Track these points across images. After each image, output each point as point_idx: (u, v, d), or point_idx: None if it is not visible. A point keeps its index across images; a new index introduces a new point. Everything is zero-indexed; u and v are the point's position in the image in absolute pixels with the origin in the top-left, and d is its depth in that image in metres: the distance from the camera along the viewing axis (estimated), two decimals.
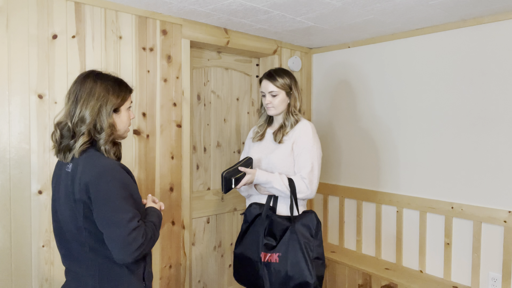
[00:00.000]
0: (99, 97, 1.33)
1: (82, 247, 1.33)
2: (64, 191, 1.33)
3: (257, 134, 2.13)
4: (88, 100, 1.32)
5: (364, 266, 2.65)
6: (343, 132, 3.01)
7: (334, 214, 3.10)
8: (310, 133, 1.97)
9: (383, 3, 2.06)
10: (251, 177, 1.90)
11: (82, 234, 1.31)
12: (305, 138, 1.96)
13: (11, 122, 1.82)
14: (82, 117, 1.31)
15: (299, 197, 1.91)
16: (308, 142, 1.94)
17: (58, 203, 1.37)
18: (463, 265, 2.37)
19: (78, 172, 1.29)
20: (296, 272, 1.81)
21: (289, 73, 2.05)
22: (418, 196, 2.57)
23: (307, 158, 1.92)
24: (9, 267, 1.82)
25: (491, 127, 2.24)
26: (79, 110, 1.31)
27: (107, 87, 1.36)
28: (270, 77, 2.00)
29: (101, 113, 1.33)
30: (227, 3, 2.08)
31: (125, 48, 2.16)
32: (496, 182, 2.23)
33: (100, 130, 1.33)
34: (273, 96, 1.99)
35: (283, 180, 1.89)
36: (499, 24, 2.20)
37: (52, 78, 1.92)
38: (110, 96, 1.35)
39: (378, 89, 2.77)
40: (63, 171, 1.36)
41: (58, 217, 1.37)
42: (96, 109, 1.32)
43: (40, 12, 1.88)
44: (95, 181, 1.26)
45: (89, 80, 1.35)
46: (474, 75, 2.31)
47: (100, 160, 1.31)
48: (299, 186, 1.90)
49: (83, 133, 1.31)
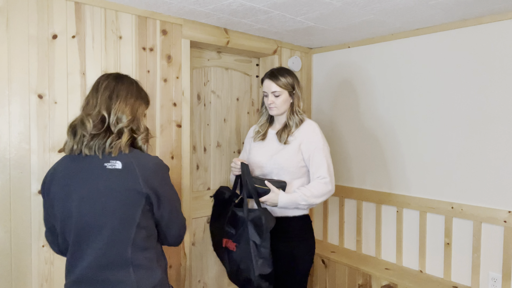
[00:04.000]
0: (137, 98, 1.37)
1: (124, 249, 1.27)
2: (114, 188, 1.26)
3: (259, 133, 2.13)
4: (127, 98, 1.32)
5: (364, 266, 2.65)
6: (343, 132, 3.01)
7: (334, 214, 3.10)
8: (318, 132, 1.99)
9: (383, 3, 2.06)
10: (274, 196, 1.88)
11: (132, 232, 1.27)
12: (314, 138, 1.97)
13: (11, 122, 1.82)
14: (119, 117, 1.29)
15: (326, 198, 1.95)
16: (319, 142, 1.96)
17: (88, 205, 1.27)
18: (463, 265, 2.37)
19: (136, 167, 1.28)
20: (244, 267, 1.83)
21: (291, 72, 2.05)
22: (418, 196, 2.57)
23: (321, 158, 1.94)
24: (9, 267, 1.82)
25: (491, 127, 2.24)
26: (115, 112, 1.29)
27: (141, 92, 1.41)
28: (273, 76, 1.99)
29: (138, 115, 1.35)
30: (227, 3, 2.08)
31: (125, 48, 2.16)
32: (496, 182, 2.23)
33: (137, 130, 1.34)
34: (276, 96, 1.98)
35: (307, 196, 1.88)
36: (499, 24, 2.20)
37: (52, 78, 1.92)
38: (143, 99, 1.40)
39: (378, 89, 2.77)
40: (102, 169, 1.27)
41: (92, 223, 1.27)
42: (135, 109, 1.34)
43: (40, 12, 1.88)
44: (161, 177, 1.33)
45: (126, 80, 1.38)
46: (473, 75, 2.30)
47: (151, 157, 1.35)
48: (321, 190, 1.91)
49: (122, 132, 1.29)
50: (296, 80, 2.03)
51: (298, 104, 2.03)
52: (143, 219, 1.29)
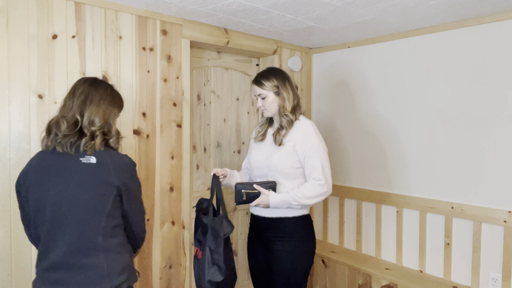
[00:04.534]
0: (110, 104, 1.47)
1: (95, 236, 1.38)
2: (86, 180, 1.38)
3: (259, 134, 2.12)
4: (99, 104, 1.44)
5: (364, 266, 2.65)
6: (343, 132, 3.01)
7: (334, 214, 3.10)
8: (312, 132, 1.95)
9: (383, 3, 2.06)
10: (265, 198, 1.90)
11: (102, 220, 1.39)
12: (308, 139, 1.93)
13: (11, 122, 1.82)
14: (92, 120, 1.41)
15: (321, 199, 1.93)
16: (313, 143, 1.93)
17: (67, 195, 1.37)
18: (463, 265, 2.37)
19: (109, 162, 1.41)
20: (201, 274, 1.84)
21: (277, 72, 2.00)
22: (418, 196, 2.57)
23: (316, 159, 1.91)
24: (9, 267, 1.82)
25: (491, 127, 2.24)
26: (91, 112, 1.41)
27: (115, 98, 1.51)
28: (256, 80, 1.99)
29: (110, 119, 1.46)
30: (227, 3, 2.08)
31: (125, 48, 2.16)
32: (496, 182, 2.23)
33: (108, 133, 1.45)
34: (263, 98, 1.98)
35: (298, 197, 1.87)
36: (499, 24, 2.20)
37: (52, 78, 1.92)
38: (116, 105, 1.51)
39: (378, 89, 2.77)
40: (76, 163, 1.39)
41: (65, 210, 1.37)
42: (107, 114, 1.45)
43: (40, 12, 1.88)
44: (130, 169, 1.47)
45: (101, 86, 1.48)
46: (473, 75, 2.30)
47: (123, 155, 1.49)
48: (314, 191, 1.90)
49: (94, 133, 1.41)
50: (281, 80, 1.98)
51: (284, 105, 1.96)
52: (113, 209, 1.41)
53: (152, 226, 2.32)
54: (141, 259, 2.27)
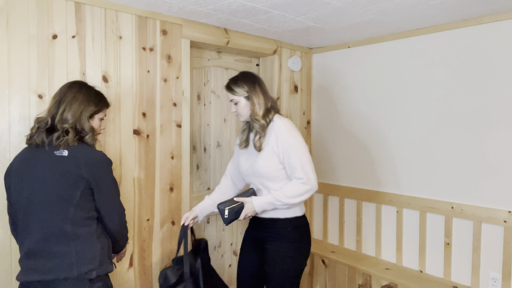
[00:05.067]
0: (81, 103, 1.58)
1: (64, 224, 1.47)
2: (57, 171, 1.48)
3: (242, 140, 2.10)
4: (71, 104, 1.56)
5: (364, 266, 2.65)
6: (343, 132, 3.01)
7: (334, 214, 3.10)
8: (285, 131, 1.90)
9: (383, 3, 2.06)
10: (249, 206, 1.89)
11: (70, 210, 1.47)
12: (283, 139, 1.89)
13: (11, 122, 1.82)
14: (65, 118, 1.53)
15: (306, 197, 1.89)
16: (289, 142, 1.88)
17: (38, 186, 1.48)
18: (463, 265, 2.37)
19: (80, 155, 1.51)
20: None
21: (247, 77, 1.97)
22: (418, 196, 2.57)
23: (294, 158, 1.87)
24: (9, 267, 1.82)
25: (491, 127, 2.24)
26: (62, 111, 1.54)
27: (89, 96, 1.61)
28: (227, 86, 1.98)
29: (82, 117, 1.57)
30: (227, 3, 2.08)
31: (125, 48, 2.16)
32: (496, 182, 2.23)
33: (82, 130, 1.56)
34: (235, 103, 1.97)
35: (280, 197, 1.86)
36: (499, 24, 2.20)
37: (52, 78, 1.92)
38: (89, 103, 1.60)
39: (378, 89, 2.77)
40: (49, 156, 1.50)
41: (37, 199, 1.48)
42: (78, 113, 1.56)
43: (40, 12, 1.88)
44: (101, 163, 1.55)
45: (75, 87, 1.60)
46: (474, 75, 2.31)
47: (96, 149, 1.59)
48: (297, 190, 1.87)
49: (67, 130, 1.52)
50: (251, 85, 1.95)
51: (254, 110, 1.93)
52: (82, 201, 1.49)
53: (152, 226, 2.32)
54: (141, 259, 2.27)
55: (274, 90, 2.96)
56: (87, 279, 1.48)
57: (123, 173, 2.18)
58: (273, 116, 1.96)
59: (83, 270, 1.47)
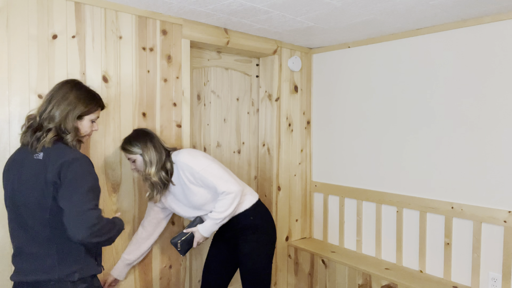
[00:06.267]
0: (70, 103, 1.54)
1: (43, 228, 1.46)
2: (33, 175, 1.46)
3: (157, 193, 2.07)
4: (60, 102, 1.53)
5: (364, 266, 2.65)
6: (343, 132, 3.01)
7: (334, 214, 3.10)
8: (189, 165, 1.97)
9: (383, 3, 2.06)
10: (198, 234, 2.02)
11: (46, 214, 1.45)
12: (192, 172, 1.97)
13: (11, 122, 1.82)
14: (52, 116, 1.51)
15: (237, 202, 1.98)
16: (197, 171, 1.96)
17: (19, 188, 1.48)
18: (463, 265, 2.37)
19: (52, 158, 1.45)
20: None
21: (139, 135, 2.00)
22: (418, 196, 2.57)
23: (208, 179, 1.96)
24: (9, 267, 1.82)
25: (491, 127, 2.24)
26: (50, 109, 1.51)
27: (79, 96, 1.57)
28: (121, 147, 2.01)
29: (68, 117, 1.53)
30: (227, 3, 2.08)
31: (125, 48, 2.16)
32: (496, 182, 2.23)
33: (65, 130, 1.52)
34: (133, 161, 2.00)
35: (216, 216, 1.97)
36: (499, 24, 2.20)
37: (52, 78, 1.92)
38: (79, 104, 1.56)
39: (378, 89, 2.77)
40: (30, 159, 1.49)
41: (18, 202, 1.48)
42: (66, 111, 1.52)
43: (40, 12, 1.88)
44: (68, 163, 1.44)
45: (66, 86, 1.57)
46: (474, 75, 2.31)
47: (72, 150, 1.52)
48: (224, 204, 1.96)
49: (50, 129, 1.49)
50: (143, 142, 1.97)
51: (145, 169, 1.96)
52: (57, 205, 1.44)
53: None
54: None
55: (274, 90, 2.96)
56: (69, 281, 1.47)
57: (123, 173, 2.18)
58: (172, 159, 2.03)
59: (65, 273, 1.47)
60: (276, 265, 3.03)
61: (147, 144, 1.97)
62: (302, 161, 3.19)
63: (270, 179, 3.00)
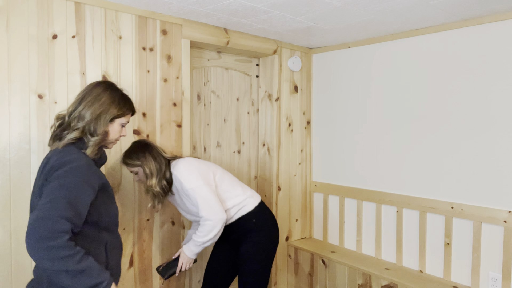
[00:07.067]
0: (103, 104, 1.46)
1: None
2: (37, 180, 1.41)
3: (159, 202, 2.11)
4: (92, 102, 1.45)
5: (364, 266, 2.65)
6: (343, 132, 3.01)
7: (334, 214, 3.10)
8: (183, 179, 1.98)
9: (383, 3, 2.06)
10: (184, 255, 2.05)
11: None
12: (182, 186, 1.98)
13: (11, 122, 1.82)
14: (82, 116, 1.43)
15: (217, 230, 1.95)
16: (188, 188, 1.96)
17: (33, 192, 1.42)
18: (463, 265, 2.37)
19: (51, 161, 1.36)
20: None
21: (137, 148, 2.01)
22: (418, 196, 2.57)
23: (195, 199, 1.96)
24: (9, 267, 1.82)
25: (491, 127, 2.24)
26: (81, 108, 1.43)
27: (114, 98, 1.50)
28: (122, 161, 2.02)
29: (100, 118, 1.45)
30: (227, 3, 2.08)
31: (125, 48, 2.16)
32: (496, 182, 2.23)
33: (93, 132, 1.43)
34: (135, 174, 2.02)
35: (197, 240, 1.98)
36: (499, 24, 2.20)
37: (52, 78, 1.92)
38: (112, 106, 1.48)
39: (378, 89, 2.77)
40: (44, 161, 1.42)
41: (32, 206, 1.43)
42: (97, 113, 1.44)
43: (40, 12, 1.88)
44: (58, 166, 1.31)
45: (100, 87, 1.50)
46: (474, 75, 2.31)
47: (76, 153, 1.38)
48: (205, 229, 1.95)
49: (77, 129, 1.42)
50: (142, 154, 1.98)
51: (145, 181, 1.99)
52: None
53: (152, 226, 2.32)
54: (141, 259, 2.27)
55: (274, 90, 2.96)
56: None
57: (123, 174, 2.18)
58: (170, 169, 2.04)
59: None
60: (276, 265, 3.03)
61: (146, 156, 1.98)
62: (302, 161, 3.19)
63: (270, 179, 3.00)
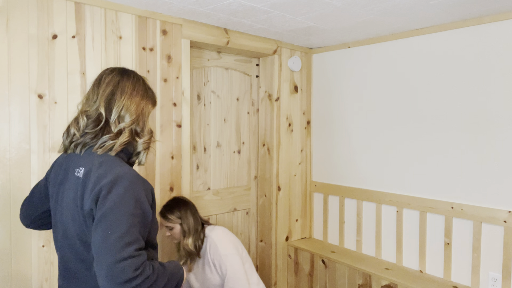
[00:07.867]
0: (143, 96, 1.19)
1: (81, 264, 1.15)
2: (72, 199, 1.13)
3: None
4: (132, 95, 1.15)
5: (364, 266, 2.65)
6: (343, 132, 3.01)
7: (334, 214, 3.10)
8: (218, 244, 1.95)
9: (383, 3, 2.06)
10: None
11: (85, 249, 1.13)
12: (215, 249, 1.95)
13: (11, 122, 1.82)
14: (124, 113, 1.13)
15: None
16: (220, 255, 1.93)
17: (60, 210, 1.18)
18: (463, 265, 2.37)
19: (92, 177, 1.08)
20: None
21: (179, 204, 2.01)
22: (418, 196, 2.57)
23: (225, 265, 1.91)
24: (9, 267, 1.82)
25: (491, 127, 2.24)
26: (122, 104, 1.13)
27: (148, 91, 1.24)
28: (161, 213, 2.02)
29: (144, 114, 1.19)
30: (227, 3, 2.08)
31: (125, 48, 2.16)
32: (496, 182, 2.23)
33: (141, 132, 1.17)
34: (170, 229, 2.02)
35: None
36: (499, 24, 2.20)
37: (52, 78, 1.92)
38: (149, 100, 1.23)
39: (378, 89, 2.77)
40: (72, 175, 1.15)
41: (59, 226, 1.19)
42: (141, 108, 1.17)
43: (40, 12, 1.88)
44: (109, 187, 1.05)
45: (133, 75, 1.22)
46: (474, 75, 2.31)
47: (119, 168, 1.10)
48: None
49: (124, 131, 1.13)
50: (184, 211, 1.99)
51: (183, 239, 1.98)
52: None
53: None
54: None
55: (274, 90, 2.96)
56: None
57: None
58: (205, 232, 2.03)
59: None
60: (276, 265, 3.03)
61: (187, 213, 1.98)
62: (302, 161, 3.19)
63: (270, 179, 3.00)
